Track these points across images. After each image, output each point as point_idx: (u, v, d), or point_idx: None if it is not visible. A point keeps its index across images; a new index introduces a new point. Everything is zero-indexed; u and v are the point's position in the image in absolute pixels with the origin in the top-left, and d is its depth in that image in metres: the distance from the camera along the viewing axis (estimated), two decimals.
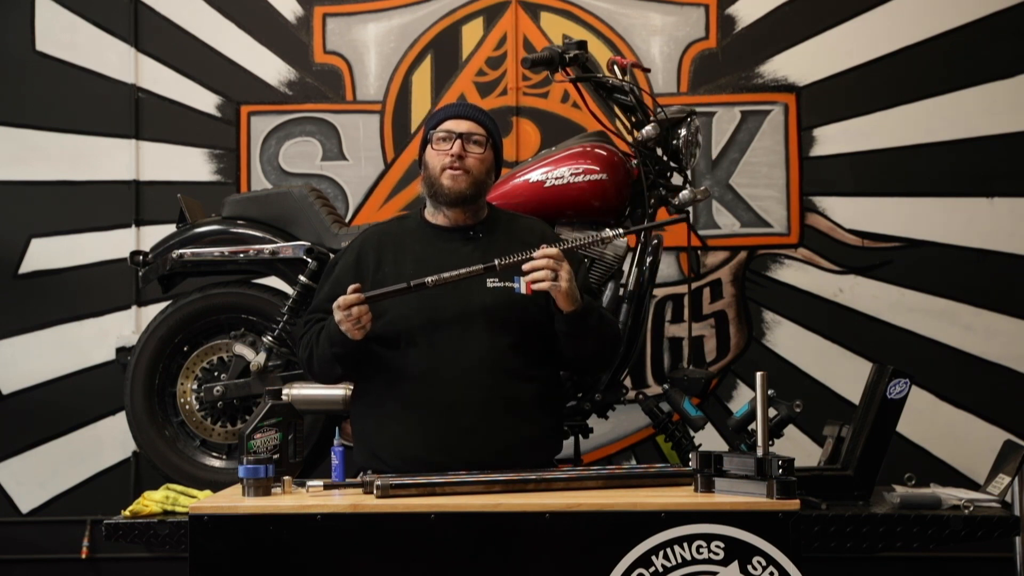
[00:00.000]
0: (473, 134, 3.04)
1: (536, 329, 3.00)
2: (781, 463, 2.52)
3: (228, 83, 4.55)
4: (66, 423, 4.51)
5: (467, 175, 3.02)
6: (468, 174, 3.02)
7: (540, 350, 3.03)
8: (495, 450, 2.88)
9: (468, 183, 3.02)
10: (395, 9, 4.54)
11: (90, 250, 4.54)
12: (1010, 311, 4.29)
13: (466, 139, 3.03)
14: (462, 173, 3.02)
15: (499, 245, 3.04)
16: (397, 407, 2.95)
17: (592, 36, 4.43)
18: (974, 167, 4.33)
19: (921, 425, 4.17)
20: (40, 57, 4.58)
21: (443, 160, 3.03)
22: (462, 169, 3.02)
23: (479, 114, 3.11)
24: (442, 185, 3.03)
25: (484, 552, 2.53)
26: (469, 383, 2.91)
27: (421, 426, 2.92)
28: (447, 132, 3.05)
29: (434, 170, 3.05)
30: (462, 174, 3.02)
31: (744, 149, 4.42)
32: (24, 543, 4.47)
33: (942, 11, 4.35)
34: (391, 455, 2.94)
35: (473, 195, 3.04)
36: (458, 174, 3.02)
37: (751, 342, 4.39)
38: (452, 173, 3.02)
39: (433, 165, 3.06)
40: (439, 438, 2.90)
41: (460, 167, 3.01)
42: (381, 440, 2.98)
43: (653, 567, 2.49)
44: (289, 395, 3.29)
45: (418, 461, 2.86)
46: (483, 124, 3.08)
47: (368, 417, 3.04)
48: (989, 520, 2.78)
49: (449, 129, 3.05)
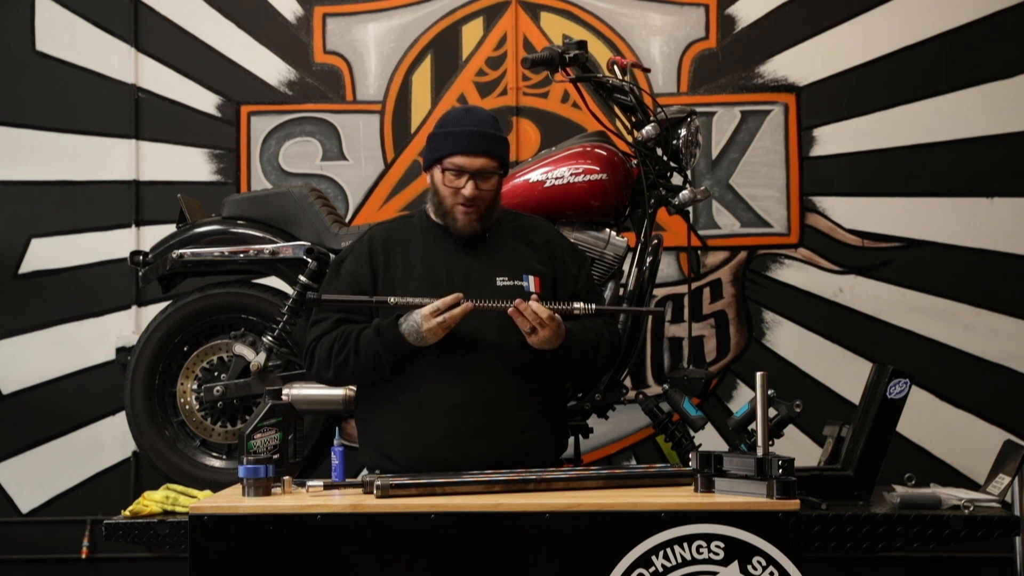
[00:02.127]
0: (486, 171, 2.98)
1: None
2: (781, 463, 2.52)
3: (228, 83, 4.55)
4: (66, 423, 4.51)
5: (478, 210, 2.99)
6: (479, 209, 2.99)
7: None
8: (503, 449, 2.88)
9: (479, 218, 3.00)
10: (395, 9, 4.54)
11: (90, 250, 4.53)
12: (1010, 311, 4.29)
13: (478, 176, 2.97)
14: (473, 211, 2.98)
15: (506, 246, 3.05)
16: (406, 406, 2.95)
17: (592, 36, 4.43)
18: (974, 167, 4.33)
19: (921, 425, 4.17)
20: (40, 57, 4.58)
21: (456, 197, 2.98)
22: (473, 207, 2.98)
23: (490, 145, 2.99)
24: (455, 220, 3.00)
25: (484, 552, 2.54)
26: (479, 382, 2.91)
27: (431, 425, 2.92)
28: (458, 169, 2.97)
29: (445, 200, 3.01)
30: (472, 212, 2.99)
31: (744, 149, 4.42)
32: (24, 543, 4.47)
33: (942, 11, 4.35)
34: (399, 454, 2.94)
35: (486, 225, 3.03)
36: (471, 212, 2.98)
37: (751, 342, 4.39)
38: (465, 211, 2.98)
39: (444, 195, 3.01)
40: (448, 437, 2.90)
41: (471, 206, 2.98)
42: (389, 439, 2.98)
43: (653, 567, 2.49)
44: (289, 395, 3.28)
45: (427, 460, 2.86)
46: (495, 156, 2.99)
47: (376, 416, 3.04)
48: (989, 520, 2.78)
49: (461, 167, 2.96)
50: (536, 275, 3.03)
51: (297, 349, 3.68)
